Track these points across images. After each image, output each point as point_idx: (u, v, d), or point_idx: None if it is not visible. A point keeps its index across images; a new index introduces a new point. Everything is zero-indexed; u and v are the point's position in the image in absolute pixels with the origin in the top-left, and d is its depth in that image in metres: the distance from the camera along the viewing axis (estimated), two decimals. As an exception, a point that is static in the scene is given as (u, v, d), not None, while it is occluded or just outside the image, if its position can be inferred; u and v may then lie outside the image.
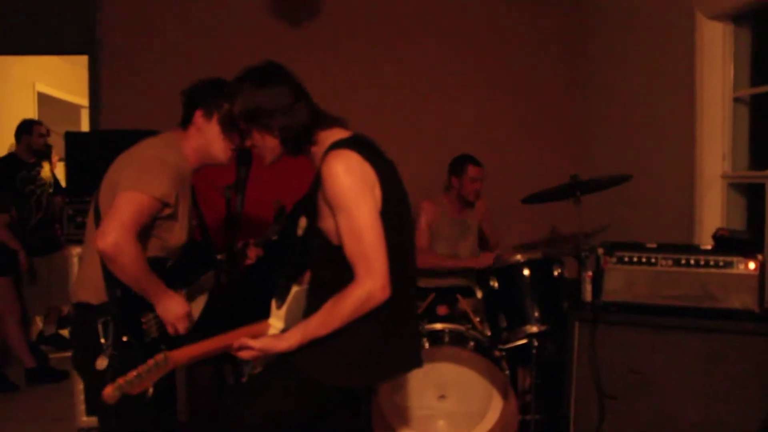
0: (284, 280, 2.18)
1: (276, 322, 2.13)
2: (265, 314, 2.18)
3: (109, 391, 1.83)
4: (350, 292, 1.89)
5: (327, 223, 1.97)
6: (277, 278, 2.19)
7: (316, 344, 1.95)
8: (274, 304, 2.16)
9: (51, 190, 5.18)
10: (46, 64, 6.72)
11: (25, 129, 5.10)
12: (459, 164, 4.18)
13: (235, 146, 2.33)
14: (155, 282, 2.22)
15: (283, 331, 2.08)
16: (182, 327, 2.33)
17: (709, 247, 2.98)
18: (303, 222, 2.16)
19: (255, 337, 2.02)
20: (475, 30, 5.21)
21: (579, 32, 5.16)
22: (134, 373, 1.86)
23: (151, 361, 1.90)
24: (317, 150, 2.03)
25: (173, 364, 1.96)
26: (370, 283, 1.87)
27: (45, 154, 5.21)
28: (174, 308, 2.29)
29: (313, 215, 2.05)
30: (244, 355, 2.01)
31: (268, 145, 2.05)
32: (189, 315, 2.34)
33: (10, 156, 5.16)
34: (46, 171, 5.21)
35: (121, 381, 1.84)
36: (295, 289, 2.17)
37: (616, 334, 3.00)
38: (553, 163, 4.96)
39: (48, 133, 5.25)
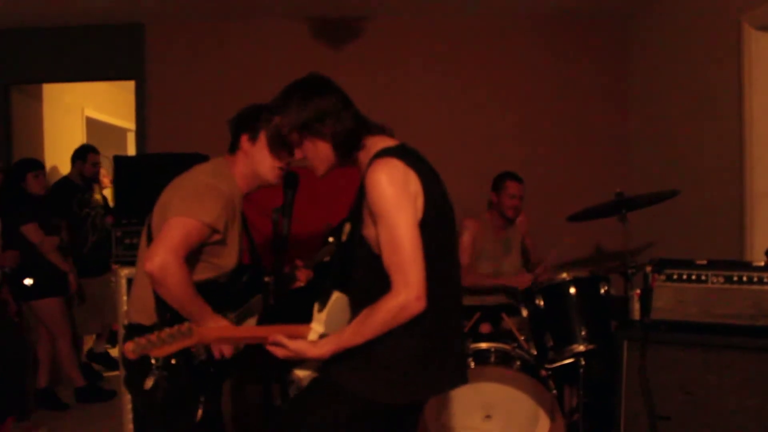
0: (327, 284, 2.17)
1: (317, 326, 2.11)
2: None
3: (130, 347, 1.82)
4: (385, 303, 1.87)
5: (369, 231, 1.97)
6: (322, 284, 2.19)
7: (360, 361, 1.95)
8: (316, 307, 2.15)
9: (102, 212, 5.29)
10: (95, 89, 6.91)
11: (80, 156, 5.20)
12: (499, 180, 4.18)
13: (283, 164, 2.37)
14: (201, 306, 2.24)
15: (323, 336, 2.06)
16: (227, 351, 2.35)
17: (761, 263, 2.90)
18: (347, 228, 2.15)
19: (293, 337, 2.00)
20: (517, 48, 5.21)
21: (622, 48, 5.13)
22: (156, 334, 1.84)
23: (175, 327, 1.87)
24: (364, 157, 2.03)
25: (198, 338, 1.93)
26: (405, 293, 1.85)
27: (94, 179, 5.33)
28: None
29: (357, 222, 2.05)
30: (278, 352, 1.99)
31: (320, 152, 2.05)
32: None
33: (65, 180, 5.27)
34: (97, 194, 5.34)
35: (142, 340, 1.82)
36: (336, 294, 2.16)
37: (665, 354, 2.93)
38: (597, 180, 4.92)
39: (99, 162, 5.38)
